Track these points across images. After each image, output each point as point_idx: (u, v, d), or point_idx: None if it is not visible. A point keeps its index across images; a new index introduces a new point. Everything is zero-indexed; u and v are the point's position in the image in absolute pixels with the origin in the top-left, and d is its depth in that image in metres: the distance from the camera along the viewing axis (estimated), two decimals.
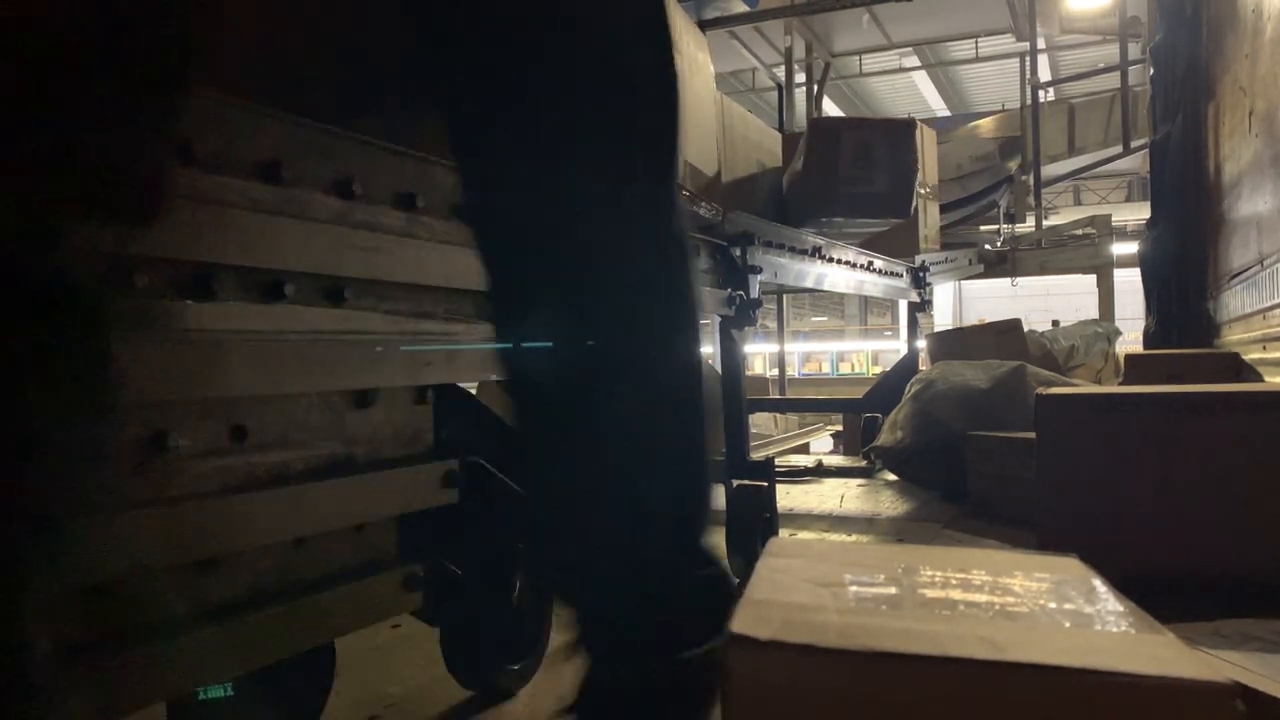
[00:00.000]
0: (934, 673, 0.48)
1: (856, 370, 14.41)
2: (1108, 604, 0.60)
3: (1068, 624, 0.55)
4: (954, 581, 0.63)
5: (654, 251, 0.73)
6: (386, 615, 1.00)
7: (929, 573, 0.65)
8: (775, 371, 6.89)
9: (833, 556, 0.70)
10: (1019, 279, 6.50)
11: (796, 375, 11.98)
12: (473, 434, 1.09)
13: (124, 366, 0.67)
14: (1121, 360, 3.86)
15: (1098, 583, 0.64)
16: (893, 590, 0.60)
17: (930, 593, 0.60)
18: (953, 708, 0.47)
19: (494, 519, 1.08)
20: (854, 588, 0.60)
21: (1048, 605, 0.59)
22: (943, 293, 15.46)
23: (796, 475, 3.29)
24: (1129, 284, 5.03)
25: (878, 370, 13.27)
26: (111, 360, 0.65)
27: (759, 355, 11.11)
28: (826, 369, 14.45)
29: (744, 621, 0.51)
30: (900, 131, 2.84)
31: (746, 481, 1.87)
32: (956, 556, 0.69)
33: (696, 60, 2.31)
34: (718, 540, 0.78)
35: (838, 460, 3.86)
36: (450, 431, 1.07)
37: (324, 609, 0.87)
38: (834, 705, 0.48)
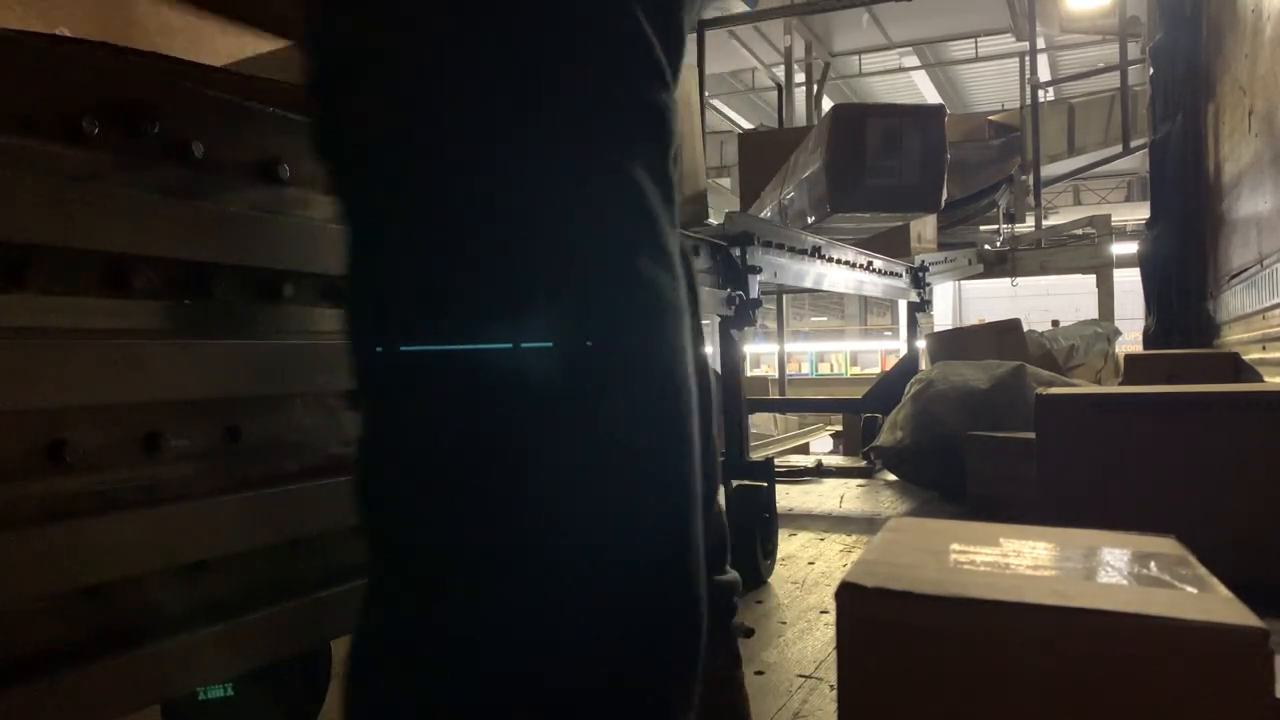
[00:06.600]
0: (1006, 614, 0.57)
1: (835, 371, 14.45)
2: (1183, 572, 0.64)
3: (1138, 585, 0.62)
4: (1052, 553, 0.70)
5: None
6: None
7: (1030, 544, 0.72)
8: (763, 370, 6.87)
9: (945, 532, 0.77)
10: (1019, 279, 6.51)
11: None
12: None
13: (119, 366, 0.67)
14: (1121, 360, 3.86)
15: (1186, 556, 0.69)
16: (991, 557, 0.68)
17: (1025, 560, 0.67)
18: (1021, 643, 0.57)
19: None
20: (955, 555, 0.68)
21: (1128, 572, 0.65)
22: (943, 293, 15.47)
23: (796, 475, 3.28)
24: (1129, 284, 5.03)
25: (855, 370, 13.33)
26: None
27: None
28: (805, 369, 14.41)
29: (854, 574, 0.62)
30: (930, 118, 2.64)
31: (746, 482, 1.87)
32: (1063, 536, 0.76)
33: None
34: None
35: (837, 460, 3.86)
36: None
37: (321, 609, 0.86)
38: (926, 639, 0.59)
